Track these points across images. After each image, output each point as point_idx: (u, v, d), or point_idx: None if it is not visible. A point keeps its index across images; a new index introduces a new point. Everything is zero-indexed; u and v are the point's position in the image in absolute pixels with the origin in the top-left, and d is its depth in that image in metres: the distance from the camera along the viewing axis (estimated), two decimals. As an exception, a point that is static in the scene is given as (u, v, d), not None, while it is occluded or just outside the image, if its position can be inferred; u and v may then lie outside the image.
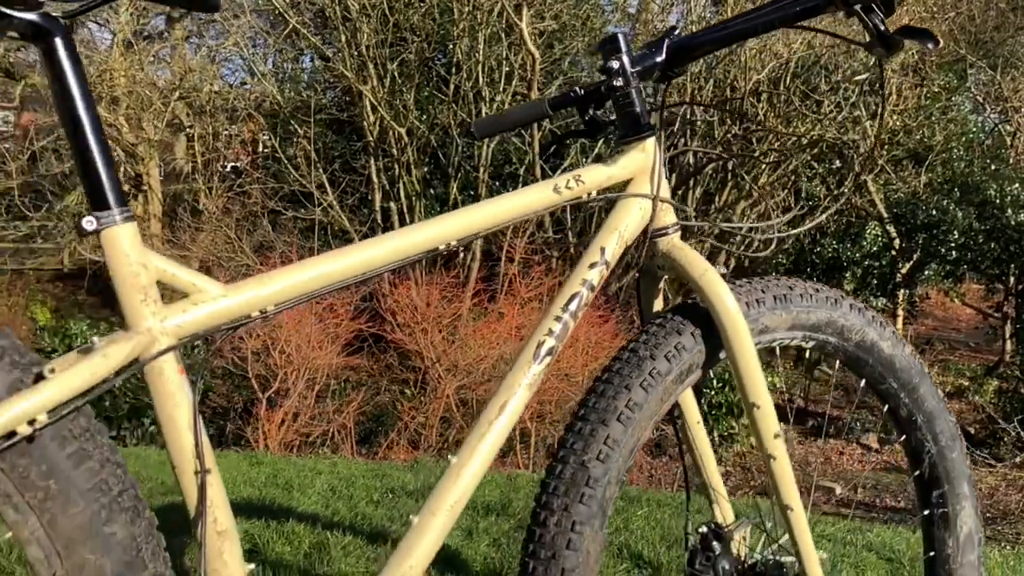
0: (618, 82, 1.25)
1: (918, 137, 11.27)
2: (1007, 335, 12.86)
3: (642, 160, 1.30)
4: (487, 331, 7.96)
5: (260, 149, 14.53)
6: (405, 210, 11.15)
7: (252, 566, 0.98)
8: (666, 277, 1.42)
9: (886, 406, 1.57)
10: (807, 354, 1.49)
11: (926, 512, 1.61)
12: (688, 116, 9.98)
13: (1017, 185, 9.57)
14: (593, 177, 1.26)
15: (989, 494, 8.85)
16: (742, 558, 1.46)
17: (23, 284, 14.58)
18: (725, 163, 10.88)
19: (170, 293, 0.94)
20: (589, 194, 1.26)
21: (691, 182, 10.36)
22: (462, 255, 10.45)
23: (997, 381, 11.77)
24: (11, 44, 11.43)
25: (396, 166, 11.32)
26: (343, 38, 10.74)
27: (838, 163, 11.55)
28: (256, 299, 0.99)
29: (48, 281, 15.54)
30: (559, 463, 1.23)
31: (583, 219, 11.30)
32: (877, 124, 10.01)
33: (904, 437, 1.59)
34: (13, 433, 0.81)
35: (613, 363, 1.29)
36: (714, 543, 1.43)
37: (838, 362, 1.52)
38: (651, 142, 1.30)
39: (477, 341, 7.48)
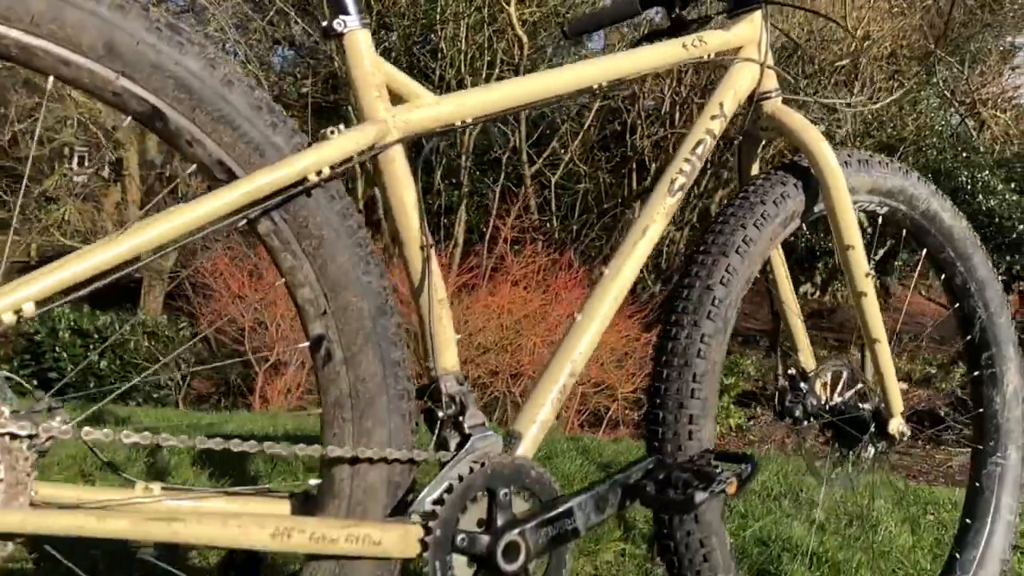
0: None
1: (889, 129, 11.62)
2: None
3: (751, 30, 1.48)
4: (480, 308, 8.10)
5: None
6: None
7: (458, 336, 1.13)
8: (759, 147, 1.60)
9: (942, 275, 1.76)
10: (780, 343, 1.68)
11: (976, 373, 1.80)
12: (676, 100, 10.22)
13: (987, 172, 9.93)
14: (713, 40, 1.43)
15: (960, 471, 9.20)
16: (824, 399, 1.64)
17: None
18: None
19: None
20: (709, 55, 1.43)
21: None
22: (444, 242, 10.58)
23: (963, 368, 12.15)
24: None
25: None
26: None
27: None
28: (460, 110, 1.15)
29: (17, 272, 15.39)
30: (686, 288, 1.40)
31: (567, 205, 11.49)
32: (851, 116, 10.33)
33: (957, 305, 1.78)
34: (304, 180, 0.96)
35: (727, 208, 1.47)
36: (801, 384, 1.61)
37: (904, 231, 1.71)
38: (759, 15, 1.48)
39: (474, 315, 7.64)
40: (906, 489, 3.66)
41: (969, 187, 9.83)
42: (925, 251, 1.73)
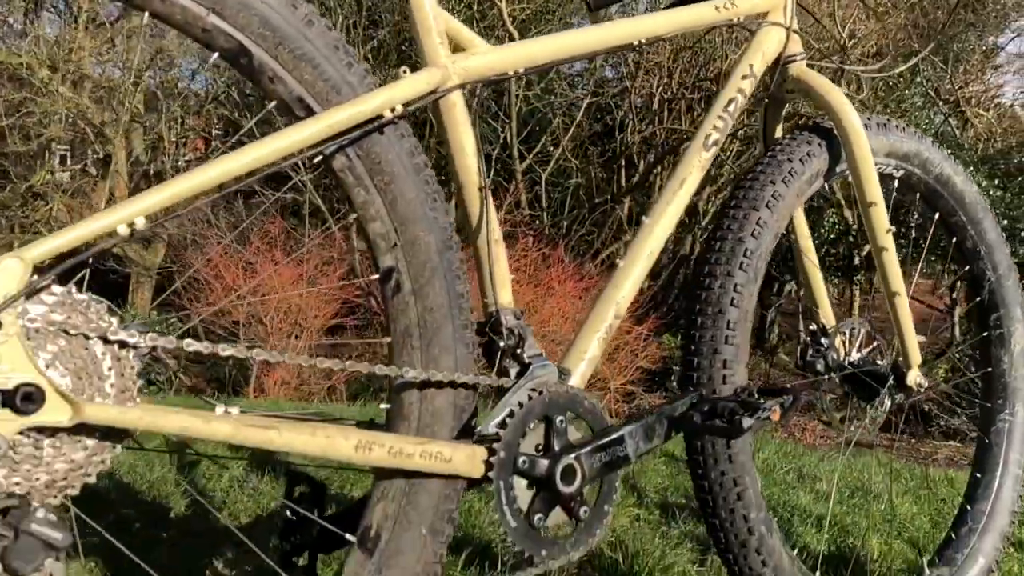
0: None
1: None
2: (955, 319, 13.41)
3: (778, -5, 1.54)
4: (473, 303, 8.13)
5: (211, 143, 14.47)
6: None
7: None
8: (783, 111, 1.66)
9: (954, 238, 1.83)
10: (770, 336, 1.75)
11: (985, 334, 1.87)
12: (665, 97, 10.31)
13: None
14: (742, 4, 1.49)
15: (947, 464, 9.33)
16: (842, 354, 1.70)
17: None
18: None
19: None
20: (738, 18, 1.49)
21: (664, 162, 10.69)
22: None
23: (947, 364, 12.29)
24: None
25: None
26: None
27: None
28: (514, 60, 1.20)
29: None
30: (718, 240, 1.46)
31: (556, 202, 11.56)
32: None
33: (968, 268, 1.85)
34: (380, 116, 1.02)
35: (756, 166, 1.53)
36: (822, 339, 1.67)
37: (918, 195, 1.78)
38: (786, -20, 1.54)
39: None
40: (891, 468, 3.74)
41: (954, 183, 9.99)
42: (937, 215, 1.79)
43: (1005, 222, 9.97)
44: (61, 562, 0.76)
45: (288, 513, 1.16)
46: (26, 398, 0.75)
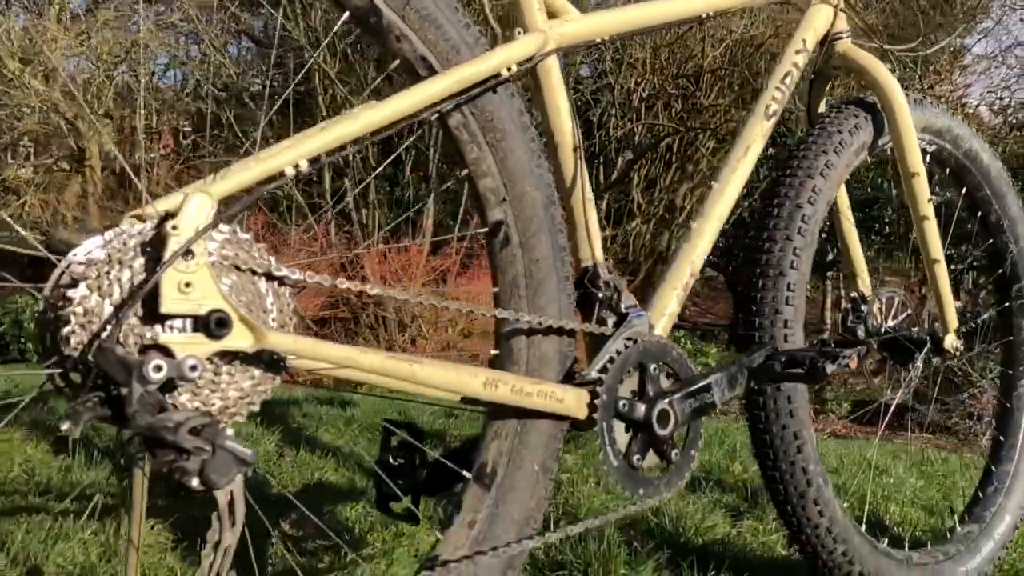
0: None
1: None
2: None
3: (826, -25, 1.62)
4: (460, 294, 8.20)
5: (181, 139, 14.35)
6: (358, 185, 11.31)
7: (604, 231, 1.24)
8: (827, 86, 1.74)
9: (979, 212, 1.92)
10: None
11: (1006, 304, 1.96)
12: (644, 95, 10.41)
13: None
14: (795, -17, 1.57)
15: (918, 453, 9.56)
16: (879, 321, 1.78)
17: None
18: (668, 147, 11.36)
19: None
20: (791, -5, 1.57)
21: (643, 159, 10.79)
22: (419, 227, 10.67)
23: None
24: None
25: (348, 146, 11.45)
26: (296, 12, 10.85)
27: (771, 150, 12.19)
28: (602, 27, 1.26)
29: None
30: (775, 207, 1.54)
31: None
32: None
33: (991, 240, 1.94)
34: (497, 75, 1.07)
35: (808, 137, 1.61)
36: (861, 306, 1.75)
37: (948, 170, 1.86)
38: (832, -38, 1.62)
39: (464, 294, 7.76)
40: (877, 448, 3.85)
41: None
42: (964, 189, 1.88)
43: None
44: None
45: (391, 459, 1.21)
46: (219, 323, 0.80)
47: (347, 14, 1.03)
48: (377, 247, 8.82)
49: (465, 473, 1.10)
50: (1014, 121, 13.43)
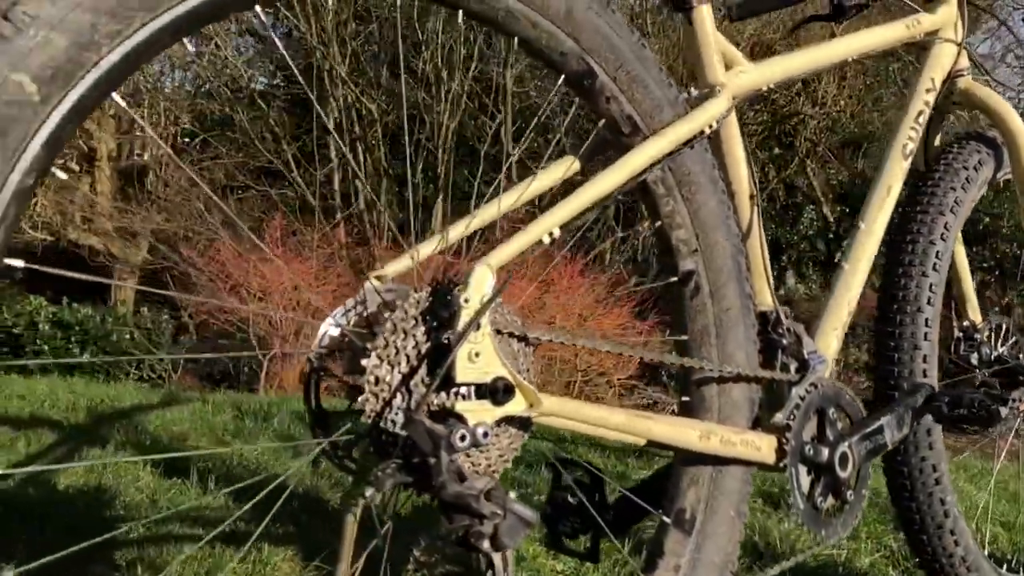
0: None
1: (853, 127, 12.07)
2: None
3: (949, 13, 1.65)
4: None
5: (180, 137, 14.30)
6: (370, 188, 11.33)
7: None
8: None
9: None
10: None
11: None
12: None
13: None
14: (925, 22, 1.60)
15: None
16: (990, 348, 1.82)
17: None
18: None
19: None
20: (920, 35, 1.60)
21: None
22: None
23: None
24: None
25: (359, 145, 11.49)
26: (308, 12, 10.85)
27: (777, 150, 12.26)
28: (773, 74, 1.30)
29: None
30: (909, 244, 1.57)
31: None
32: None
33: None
34: (702, 132, 1.11)
35: (934, 173, 1.64)
36: (974, 335, 1.79)
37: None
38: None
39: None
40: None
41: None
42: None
43: (988, 219, 10.28)
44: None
45: (569, 498, 1.24)
46: (505, 390, 0.83)
47: (563, 77, 1.06)
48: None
49: (664, 518, 1.13)
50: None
